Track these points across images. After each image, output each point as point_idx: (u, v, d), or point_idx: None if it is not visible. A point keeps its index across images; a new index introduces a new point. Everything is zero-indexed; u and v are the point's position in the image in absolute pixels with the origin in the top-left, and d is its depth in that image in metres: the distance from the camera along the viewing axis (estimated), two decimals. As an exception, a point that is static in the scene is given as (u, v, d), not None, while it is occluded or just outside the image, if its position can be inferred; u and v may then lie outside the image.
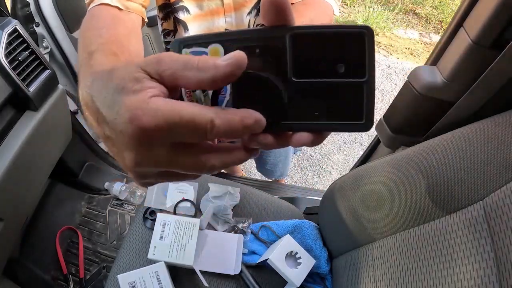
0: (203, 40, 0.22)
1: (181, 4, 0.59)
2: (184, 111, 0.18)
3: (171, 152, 0.19)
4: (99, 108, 0.20)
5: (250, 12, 0.61)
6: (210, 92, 0.22)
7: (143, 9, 0.50)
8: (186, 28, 0.62)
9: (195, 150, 0.20)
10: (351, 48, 0.20)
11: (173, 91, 0.21)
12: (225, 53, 0.21)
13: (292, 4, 0.53)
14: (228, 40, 0.21)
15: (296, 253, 0.67)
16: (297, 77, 0.21)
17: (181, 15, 0.60)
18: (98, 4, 0.47)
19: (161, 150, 0.19)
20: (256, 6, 0.61)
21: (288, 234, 0.70)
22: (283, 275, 0.64)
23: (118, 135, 0.19)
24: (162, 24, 0.66)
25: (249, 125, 0.19)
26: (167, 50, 0.72)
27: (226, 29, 0.62)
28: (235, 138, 0.20)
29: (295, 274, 0.64)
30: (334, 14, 0.53)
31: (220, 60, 0.19)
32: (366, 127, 0.21)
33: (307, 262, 0.66)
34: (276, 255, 0.64)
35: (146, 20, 0.50)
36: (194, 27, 0.62)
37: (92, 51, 0.33)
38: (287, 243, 0.67)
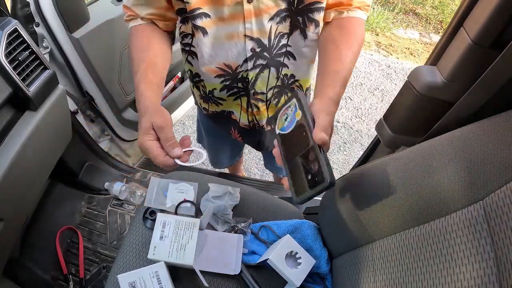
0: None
1: (199, 11, 0.60)
2: (153, 153, 0.51)
3: (146, 156, 0.54)
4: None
5: (272, 18, 0.61)
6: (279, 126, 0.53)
7: (170, 23, 0.68)
8: (205, 33, 0.63)
9: (155, 161, 0.51)
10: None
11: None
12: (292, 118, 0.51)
13: (329, 21, 0.66)
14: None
15: (296, 253, 0.67)
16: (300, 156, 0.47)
17: (199, 21, 0.61)
18: (138, 24, 0.66)
19: (144, 153, 0.53)
20: (280, 14, 0.61)
21: (288, 234, 0.70)
22: (283, 275, 0.64)
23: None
24: (180, 27, 0.68)
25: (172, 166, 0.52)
26: (185, 52, 0.73)
27: (245, 35, 0.63)
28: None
29: (295, 274, 0.64)
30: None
31: (176, 151, 0.51)
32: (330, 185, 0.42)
33: (307, 262, 0.66)
34: (276, 255, 0.64)
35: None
36: (214, 32, 0.63)
37: (138, 79, 0.58)
38: (287, 243, 0.67)
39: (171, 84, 1.51)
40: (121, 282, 0.62)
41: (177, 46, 1.51)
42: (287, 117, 0.51)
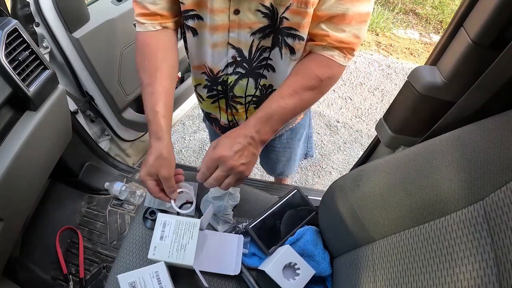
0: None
1: (192, 13, 0.62)
2: (151, 190, 0.64)
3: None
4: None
5: (254, 33, 0.63)
6: None
7: (178, 18, 0.68)
8: (195, 34, 0.67)
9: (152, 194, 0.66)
10: None
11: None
12: None
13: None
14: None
15: (295, 264, 0.67)
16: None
17: (190, 22, 0.65)
18: (145, 31, 0.67)
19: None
20: (263, 30, 0.62)
21: (288, 245, 0.70)
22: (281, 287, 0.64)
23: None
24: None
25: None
26: (184, 41, 0.75)
27: (228, 43, 0.65)
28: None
29: (293, 286, 0.64)
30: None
31: (174, 195, 0.65)
32: None
33: (305, 273, 0.66)
34: (273, 268, 0.64)
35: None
36: (202, 34, 0.66)
37: (149, 108, 0.63)
38: (286, 254, 0.67)
39: (171, 84, 1.51)
40: (121, 282, 0.62)
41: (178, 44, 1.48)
42: None
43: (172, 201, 0.64)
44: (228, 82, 0.73)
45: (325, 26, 0.58)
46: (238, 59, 0.68)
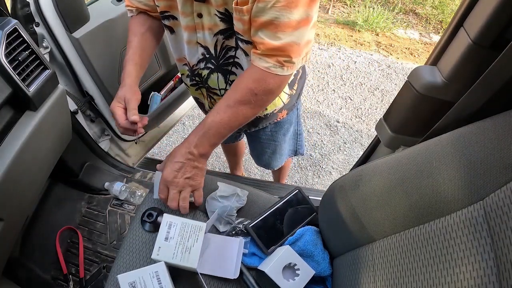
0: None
1: (167, 14, 0.71)
2: (117, 115, 0.72)
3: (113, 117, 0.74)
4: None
5: (215, 34, 0.68)
6: None
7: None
8: (172, 32, 0.75)
9: (118, 122, 0.73)
10: None
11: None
12: None
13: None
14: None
15: (295, 264, 0.67)
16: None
17: (167, 22, 0.73)
18: (135, 15, 0.79)
19: (112, 114, 0.74)
20: (224, 32, 0.67)
21: (288, 245, 0.70)
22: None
23: None
24: None
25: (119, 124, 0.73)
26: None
27: (197, 42, 0.72)
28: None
29: (292, 287, 0.64)
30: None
31: (134, 118, 0.70)
32: None
33: (305, 274, 0.66)
34: (273, 268, 0.64)
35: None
36: (178, 33, 0.74)
37: (127, 59, 0.74)
38: (286, 255, 0.67)
39: (171, 84, 1.51)
40: (121, 282, 0.62)
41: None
42: None
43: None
44: (203, 76, 0.80)
45: (262, 34, 0.59)
46: (207, 56, 0.73)
